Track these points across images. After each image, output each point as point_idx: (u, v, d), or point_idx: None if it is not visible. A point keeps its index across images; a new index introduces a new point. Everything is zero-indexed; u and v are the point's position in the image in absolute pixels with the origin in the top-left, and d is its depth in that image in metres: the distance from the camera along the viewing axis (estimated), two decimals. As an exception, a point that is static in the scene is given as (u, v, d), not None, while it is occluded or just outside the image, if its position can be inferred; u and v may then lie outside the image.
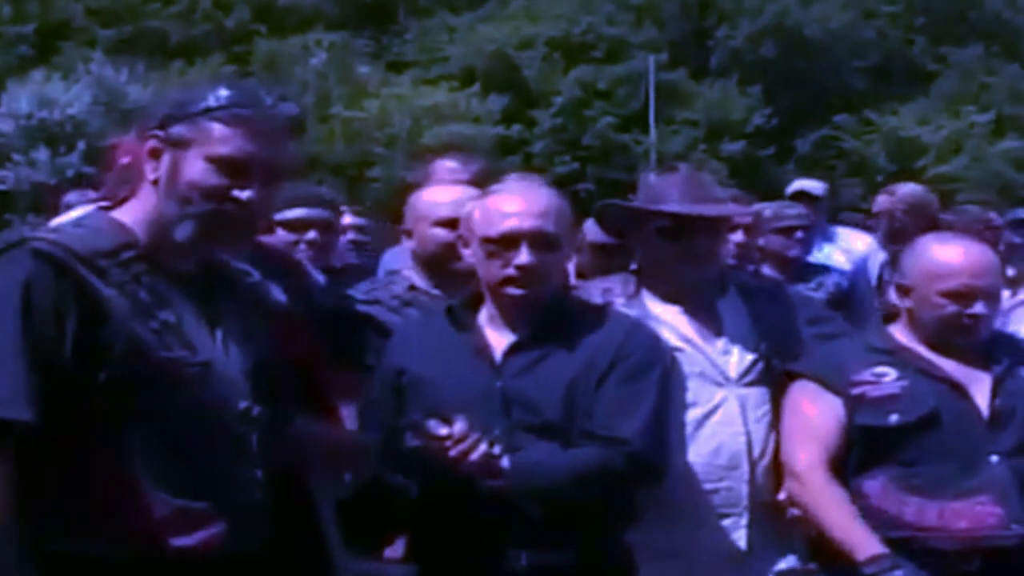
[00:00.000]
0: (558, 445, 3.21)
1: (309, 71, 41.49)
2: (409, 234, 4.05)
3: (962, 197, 11.01)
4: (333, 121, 39.10)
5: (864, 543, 3.50)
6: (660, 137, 45.20)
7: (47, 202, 7.95)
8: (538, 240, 3.26)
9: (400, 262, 4.42)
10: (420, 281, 4.00)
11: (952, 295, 3.67)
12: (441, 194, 4.07)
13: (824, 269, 6.14)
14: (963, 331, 3.69)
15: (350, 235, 6.17)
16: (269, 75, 38.40)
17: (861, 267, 6.61)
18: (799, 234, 6.03)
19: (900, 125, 46.24)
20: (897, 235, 6.05)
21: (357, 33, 46.65)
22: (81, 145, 35.48)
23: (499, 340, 3.35)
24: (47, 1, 44.90)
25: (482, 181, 4.31)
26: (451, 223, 3.87)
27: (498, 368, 3.29)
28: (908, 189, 6.61)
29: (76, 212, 3.01)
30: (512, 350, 3.31)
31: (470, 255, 3.41)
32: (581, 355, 3.28)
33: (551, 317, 3.33)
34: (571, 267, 4.46)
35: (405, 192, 4.33)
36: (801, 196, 7.08)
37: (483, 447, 3.03)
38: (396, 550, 3.77)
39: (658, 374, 3.32)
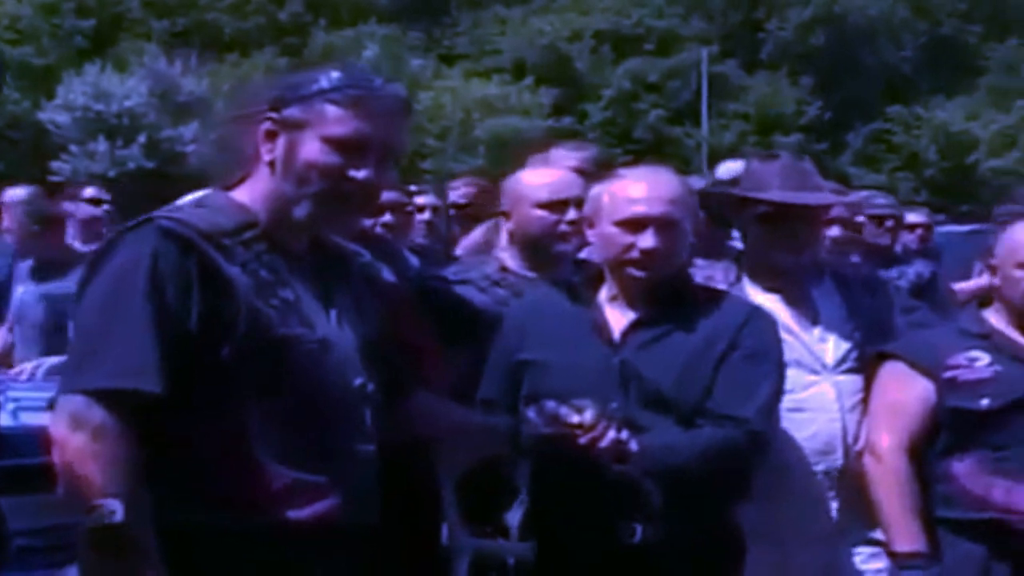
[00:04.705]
0: (676, 421, 3.24)
1: (362, 63, 41.63)
2: (507, 216, 4.06)
3: (1018, 192, 10.84)
4: (385, 113, 39.18)
5: (909, 536, 3.56)
6: (711, 130, 45.08)
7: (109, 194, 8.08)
8: (664, 225, 3.30)
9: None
10: (512, 262, 4.02)
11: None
12: (541, 176, 4.08)
13: (906, 258, 6.15)
14: None
15: (427, 215, 6.10)
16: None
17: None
18: (889, 223, 6.06)
19: (949, 119, 45.92)
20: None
21: (409, 25, 46.75)
22: (142, 138, 35.73)
23: (618, 318, 3.37)
24: (105, -5, 45.23)
25: (594, 169, 4.33)
26: (551, 205, 3.92)
27: (616, 345, 3.33)
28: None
29: None
30: (632, 328, 3.34)
31: (593, 235, 3.45)
32: (700, 335, 3.31)
33: (671, 298, 3.36)
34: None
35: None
36: None
37: (612, 433, 3.04)
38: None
39: (776, 358, 3.38)
